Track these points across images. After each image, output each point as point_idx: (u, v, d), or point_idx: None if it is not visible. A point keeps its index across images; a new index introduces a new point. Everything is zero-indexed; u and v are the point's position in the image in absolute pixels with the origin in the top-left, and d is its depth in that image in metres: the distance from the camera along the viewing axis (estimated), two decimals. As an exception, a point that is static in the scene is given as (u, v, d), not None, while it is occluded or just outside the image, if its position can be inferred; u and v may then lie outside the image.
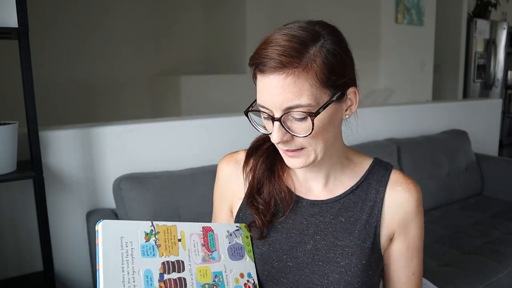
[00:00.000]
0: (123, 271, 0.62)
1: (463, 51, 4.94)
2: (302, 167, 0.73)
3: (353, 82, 0.72)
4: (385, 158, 0.88)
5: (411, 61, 4.23)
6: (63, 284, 1.56)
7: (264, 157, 0.83)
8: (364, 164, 0.83)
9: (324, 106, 0.67)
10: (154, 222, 0.69)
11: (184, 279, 0.67)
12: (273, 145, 0.83)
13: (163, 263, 0.66)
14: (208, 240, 0.73)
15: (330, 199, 0.80)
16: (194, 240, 0.71)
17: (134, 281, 0.62)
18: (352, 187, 0.80)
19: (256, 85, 0.71)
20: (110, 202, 1.63)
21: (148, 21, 3.71)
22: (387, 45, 3.92)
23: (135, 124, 1.69)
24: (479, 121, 3.03)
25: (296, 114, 0.66)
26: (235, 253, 0.75)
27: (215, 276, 0.71)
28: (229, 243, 0.75)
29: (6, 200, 1.49)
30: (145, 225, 0.67)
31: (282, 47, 0.65)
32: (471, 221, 2.20)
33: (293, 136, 0.69)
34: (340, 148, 0.80)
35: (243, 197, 0.84)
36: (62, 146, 1.54)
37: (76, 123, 1.66)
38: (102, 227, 0.63)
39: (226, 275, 0.72)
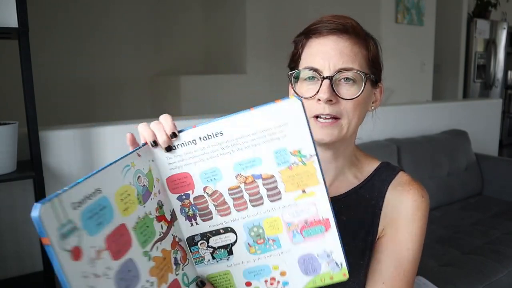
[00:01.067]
0: (249, 136, 0.57)
1: (463, 51, 4.94)
2: (332, 141, 0.72)
3: (381, 80, 0.79)
4: (385, 158, 0.88)
5: (411, 61, 4.23)
6: (63, 284, 1.56)
7: None
8: (371, 166, 0.82)
9: (369, 76, 0.72)
10: (314, 160, 0.58)
11: (261, 202, 0.59)
12: None
13: (270, 176, 0.58)
14: (311, 226, 0.61)
15: (333, 197, 0.79)
16: (307, 208, 0.60)
17: (240, 149, 0.57)
18: (356, 187, 0.80)
19: (300, 59, 0.75)
20: (110, 202, 1.63)
21: (148, 21, 3.71)
22: (387, 45, 3.91)
23: (135, 124, 1.69)
24: (479, 121, 3.03)
25: (350, 73, 0.70)
26: (305, 263, 0.62)
27: (273, 241, 0.61)
28: (317, 255, 0.62)
29: (6, 200, 1.49)
30: (308, 147, 0.57)
31: (350, 21, 0.72)
32: (471, 221, 2.20)
33: (337, 99, 0.70)
34: (354, 143, 0.81)
35: None
36: (62, 146, 1.54)
37: (76, 123, 1.66)
38: (293, 103, 0.56)
39: (278, 254, 0.62)
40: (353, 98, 0.70)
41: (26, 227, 1.52)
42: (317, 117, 0.71)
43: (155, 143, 0.58)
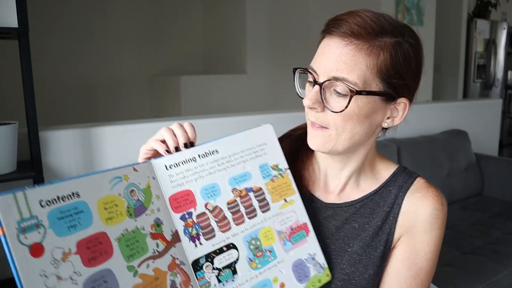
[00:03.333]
0: (239, 154, 0.66)
1: (463, 51, 4.94)
2: (318, 150, 0.70)
3: (408, 94, 0.69)
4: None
5: (411, 61, 4.23)
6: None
7: (293, 141, 0.81)
8: (387, 171, 0.78)
9: (369, 92, 0.64)
10: (289, 173, 0.70)
11: (255, 214, 0.65)
12: (304, 133, 0.79)
13: (259, 188, 0.66)
14: (296, 232, 0.68)
15: (345, 202, 0.76)
16: (290, 216, 0.68)
17: (233, 164, 0.65)
18: (371, 192, 0.76)
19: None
20: (110, 202, 1.63)
21: (148, 21, 3.72)
22: (387, 45, 3.92)
23: (135, 124, 1.69)
24: (479, 121, 3.03)
25: (339, 87, 0.63)
26: (298, 271, 0.67)
27: (270, 252, 0.65)
28: (305, 259, 0.68)
29: (6, 200, 1.49)
30: (283, 162, 0.69)
31: (362, 20, 0.63)
32: (471, 221, 2.20)
33: (324, 108, 0.65)
34: (370, 154, 0.76)
35: None
36: (62, 146, 1.54)
37: (76, 123, 1.67)
38: (267, 128, 0.70)
39: (275, 266, 0.65)
40: (337, 112, 0.64)
41: (26, 227, 1.52)
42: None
43: (174, 150, 0.64)
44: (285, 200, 0.68)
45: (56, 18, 3.25)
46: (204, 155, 0.63)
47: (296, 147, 0.80)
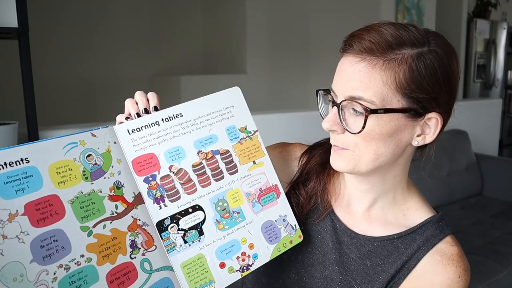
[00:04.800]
0: (204, 117, 0.65)
1: (463, 51, 4.94)
2: (341, 170, 0.67)
3: (439, 108, 0.62)
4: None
5: (411, 61, 4.23)
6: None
7: (323, 152, 0.77)
8: (419, 215, 0.71)
9: (387, 110, 0.60)
10: (258, 135, 0.68)
11: (222, 176, 0.65)
12: None
13: (226, 151, 0.65)
14: (266, 194, 0.68)
15: (365, 236, 0.71)
16: (259, 178, 0.67)
17: (198, 128, 0.64)
18: (393, 235, 0.70)
19: None
20: (110, 202, 1.63)
21: (148, 21, 3.72)
22: (387, 45, 3.92)
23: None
24: (479, 121, 3.03)
25: (357, 106, 0.60)
26: (268, 232, 0.67)
27: (238, 213, 0.65)
28: (275, 221, 0.68)
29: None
30: (251, 124, 0.68)
31: (377, 35, 0.60)
32: (471, 221, 2.20)
33: (344, 130, 0.62)
34: (402, 180, 0.71)
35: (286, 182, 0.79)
36: (62, 146, 1.54)
37: (76, 123, 1.66)
38: (234, 90, 0.70)
39: (244, 227, 0.65)
40: (355, 133, 0.61)
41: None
42: None
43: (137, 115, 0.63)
44: (254, 162, 0.67)
45: (56, 18, 3.25)
46: (167, 119, 0.62)
47: (326, 158, 0.75)
